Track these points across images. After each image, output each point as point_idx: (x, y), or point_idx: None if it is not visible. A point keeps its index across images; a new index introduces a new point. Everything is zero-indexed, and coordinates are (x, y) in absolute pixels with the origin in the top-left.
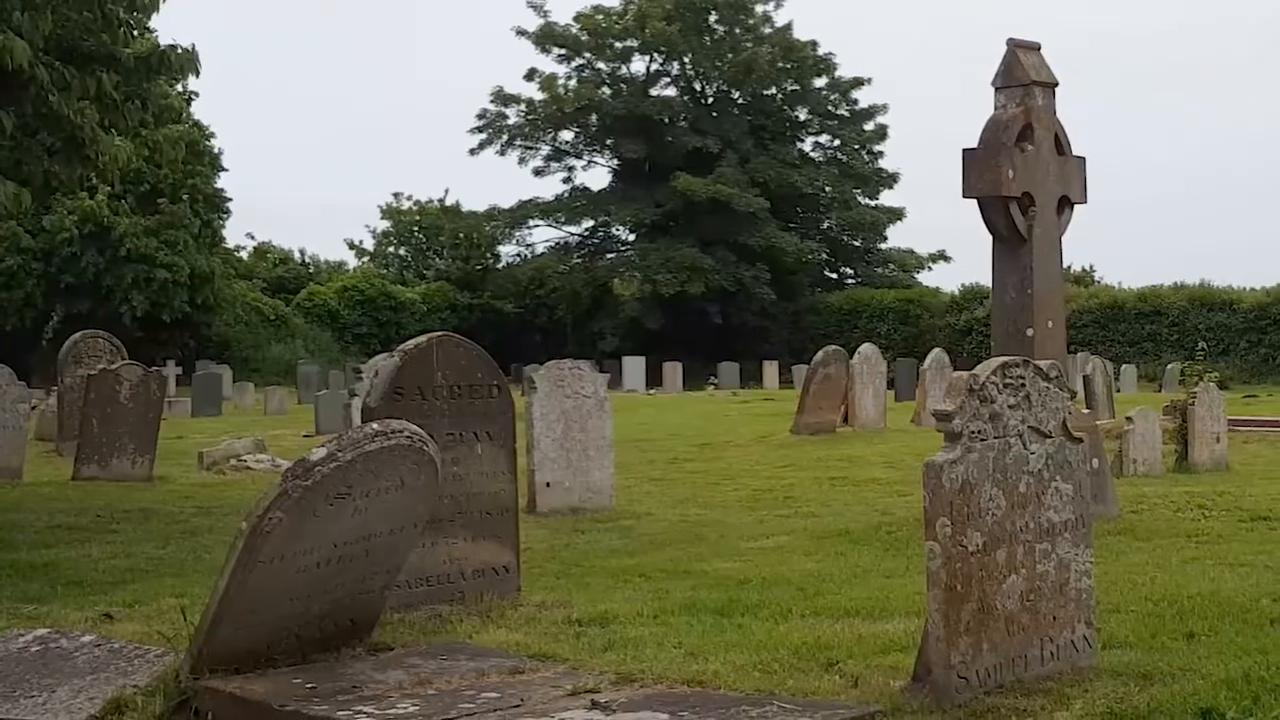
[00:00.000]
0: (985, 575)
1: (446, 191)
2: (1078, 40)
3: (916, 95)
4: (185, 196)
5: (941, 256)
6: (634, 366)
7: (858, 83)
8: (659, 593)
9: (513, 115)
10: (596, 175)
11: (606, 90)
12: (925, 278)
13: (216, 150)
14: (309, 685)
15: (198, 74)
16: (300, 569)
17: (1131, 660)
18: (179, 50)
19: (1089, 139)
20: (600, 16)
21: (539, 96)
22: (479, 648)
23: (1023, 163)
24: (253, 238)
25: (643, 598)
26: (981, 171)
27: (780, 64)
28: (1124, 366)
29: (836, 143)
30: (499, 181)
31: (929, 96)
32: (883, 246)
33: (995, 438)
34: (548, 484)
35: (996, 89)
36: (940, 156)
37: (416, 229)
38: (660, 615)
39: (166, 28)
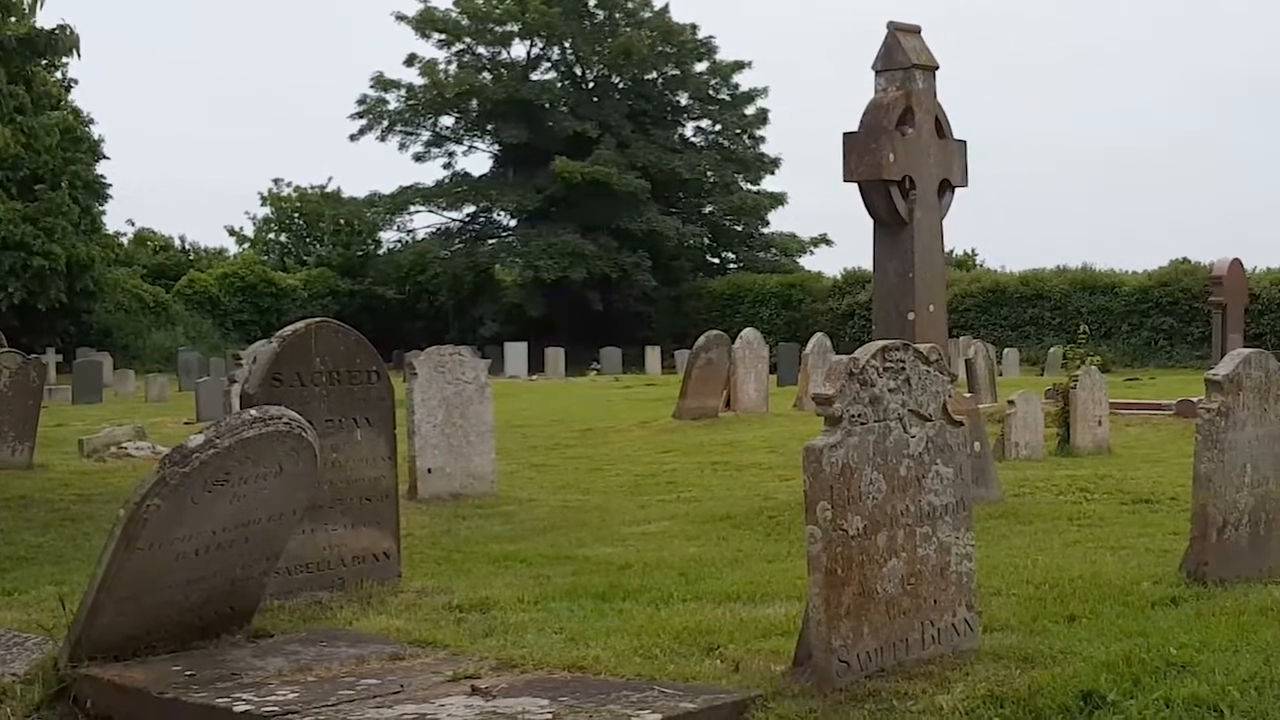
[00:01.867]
0: (866, 559)
1: (329, 179)
2: (959, 21)
3: (797, 78)
4: (65, 183)
5: (823, 241)
6: (516, 352)
7: (738, 66)
8: (540, 578)
9: (393, 101)
10: (478, 161)
11: (487, 75)
12: (807, 262)
13: (96, 137)
14: (188, 672)
15: (79, 55)
16: (179, 556)
17: (1013, 643)
18: (68, 31)
19: (970, 122)
20: (480, 1)
21: (419, 82)
22: (359, 634)
23: (903, 146)
24: (133, 224)
25: (524, 583)
26: (862, 155)
27: (660, 48)
28: (1006, 350)
29: (717, 127)
30: (380, 167)
31: (810, 79)
32: (765, 231)
33: (876, 421)
34: (429, 470)
35: (877, 72)
36: (821, 139)
37: (297, 215)
38: (541, 601)
39: (45, 10)
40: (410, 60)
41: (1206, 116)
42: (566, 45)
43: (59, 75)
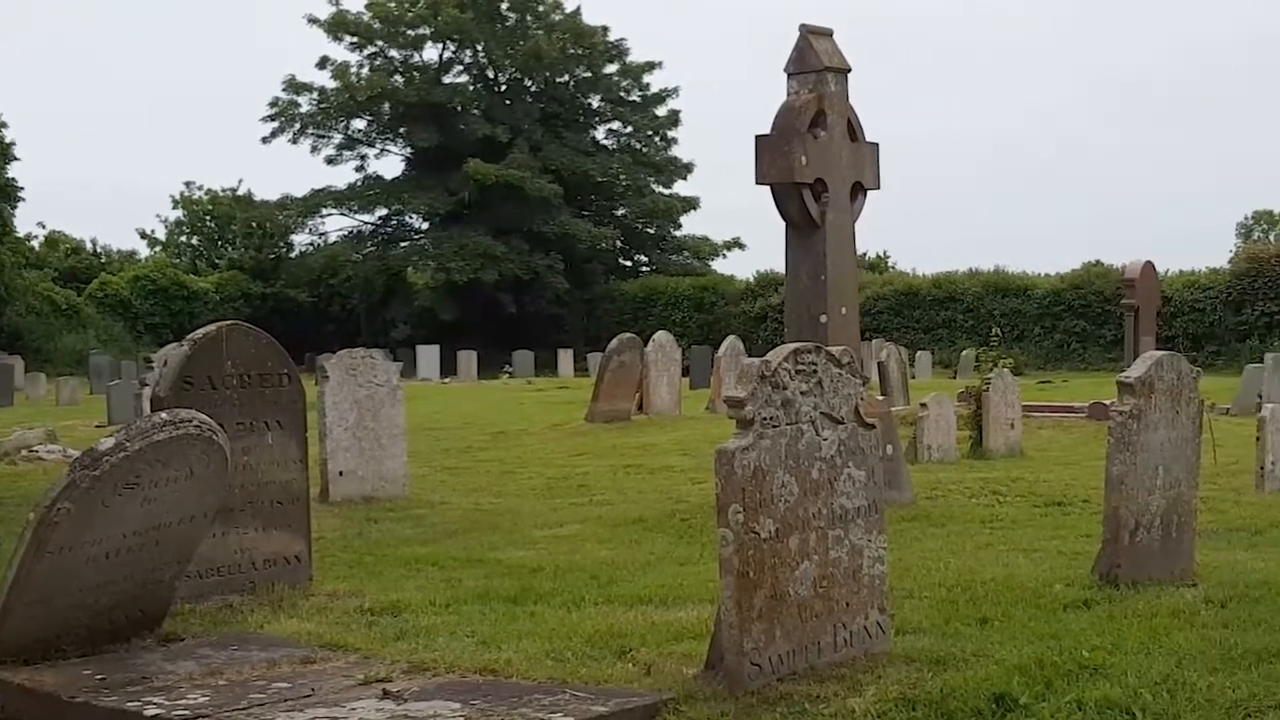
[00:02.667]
0: (778, 562)
1: (240, 181)
2: (871, 23)
3: (709, 79)
4: None
5: (736, 244)
6: (428, 355)
7: (649, 67)
8: (452, 581)
9: (305, 104)
10: (390, 164)
11: (399, 78)
12: (720, 265)
13: (8, 140)
14: (99, 676)
15: None
16: (89, 559)
17: (925, 646)
18: None
19: (883, 124)
20: (393, 4)
21: (331, 85)
22: (270, 638)
23: (816, 149)
24: (44, 227)
25: (435, 586)
26: (774, 158)
27: (571, 50)
28: (919, 353)
29: (629, 129)
30: (292, 170)
31: (722, 81)
32: (677, 234)
33: (788, 424)
34: (340, 473)
35: (789, 75)
36: (734, 141)
37: (209, 218)
38: (453, 604)
39: None
40: (322, 63)
41: (1118, 118)
42: (478, 48)
43: None
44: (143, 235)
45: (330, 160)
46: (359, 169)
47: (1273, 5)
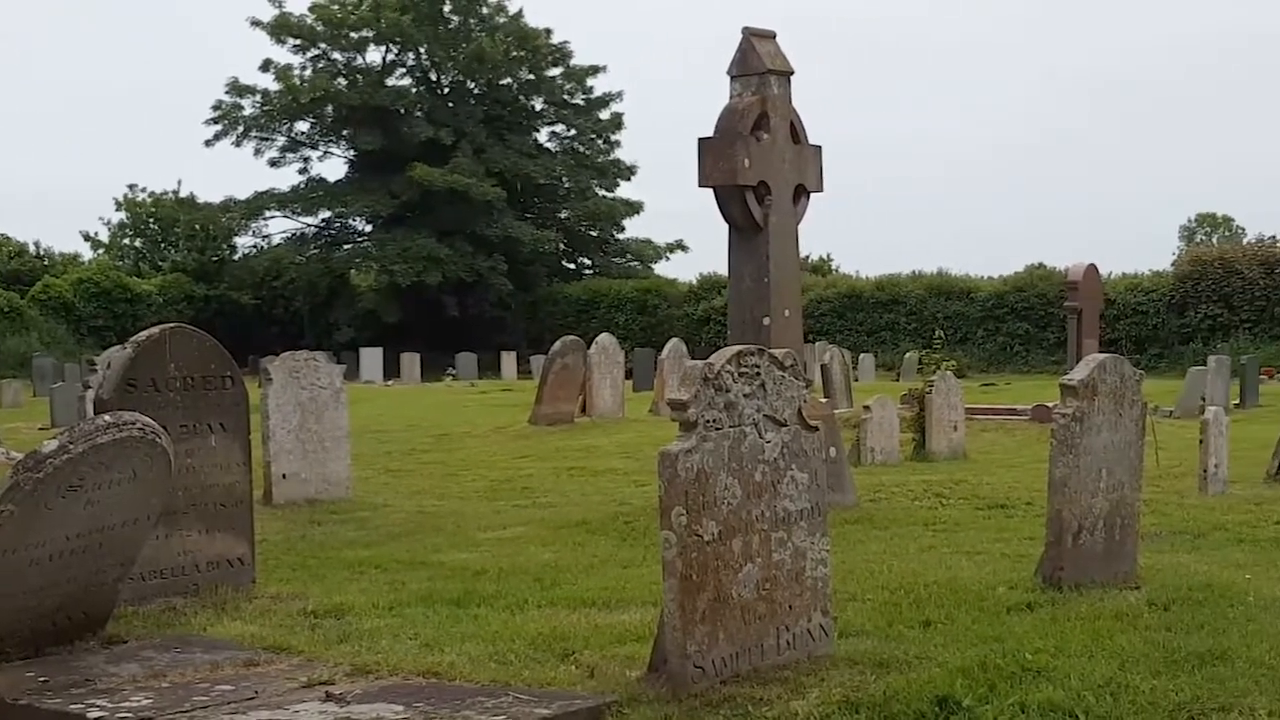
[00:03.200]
0: (721, 564)
1: (179, 183)
2: (815, 25)
3: (652, 82)
4: None
5: (679, 246)
6: (371, 357)
7: (593, 70)
8: (395, 584)
9: (248, 106)
10: (333, 166)
11: (342, 81)
12: (663, 267)
13: None
14: (42, 679)
15: None
16: (33, 561)
17: (868, 648)
18: None
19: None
20: (336, 7)
21: (274, 87)
22: (213, 640)
23: (758, 151)
24: None
25: (379, 589)
26: (717, 160)
27: (514, 53)
28: (862, 355)
29: (572, 132)
30: (235, 172)
31: (665, 83)
32: (620, 237)
33: (731, 427)
34: (284, 475)
35: (732, 77)
36: (677, 144)
37: (152, 221)
38: (396, 607)
39: None
40: (266, 66)
41: (1062, 121)
42: (421, 51)
43: None
44: (86, 238)
45: (273, 163)
46: (302, 171)
47: (1217, 11)
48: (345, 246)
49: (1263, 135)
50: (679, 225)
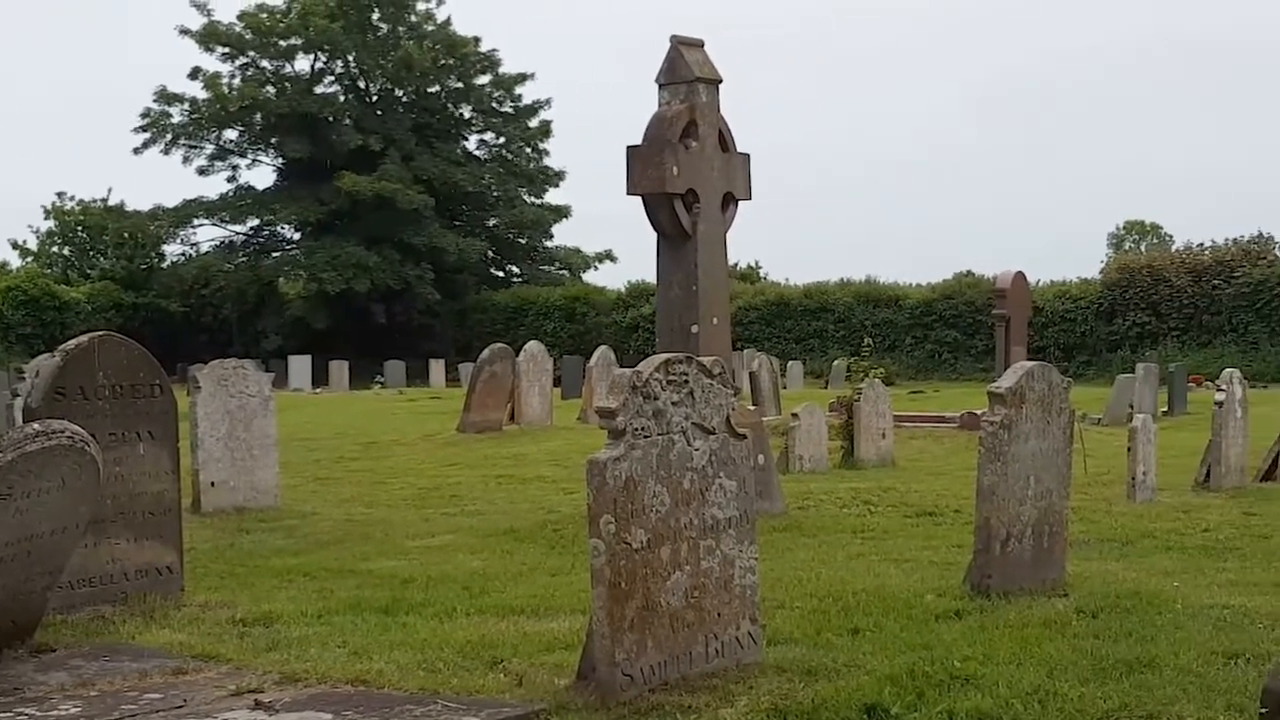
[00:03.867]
0: (650, 572)
1: (109, 191)
2: (743, 33)
3: (581, 90)
4: None
5: (608, 256)
6: (300, 365)
7: (521, 78)
8: (323, 592)
9: (177, 114)
10: (261, 174)
11: (271, 89)
12: (591, 275)
13: None
14: None
15: None
16: None
17: (797, 656)
18: None
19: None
20: (264, 15)
21: (203, 95)
22: (142, 648)
23: (687, 159)
24: None
25: (307, 597)
26: (646, 168)
27: (443, 61)
28: (791, 363)
29: (501, 140)
30: (163, 180)
31: (594, 91)
32: (549, 245)
33: (659, 434)
34: (212, 484)
35: (661, 85)
36: (606, 150)
37: (80, 229)
38: (324, 615)
39: None
40: (194, 74)
41: (989, 128)
42: (350, 59)
43: None
44: (14, 246)
45: (202, 171)
46: (231, 179)
47: (1144, 16)
48: (274, 254)
49: (1190, 142)
50: (608, 232)
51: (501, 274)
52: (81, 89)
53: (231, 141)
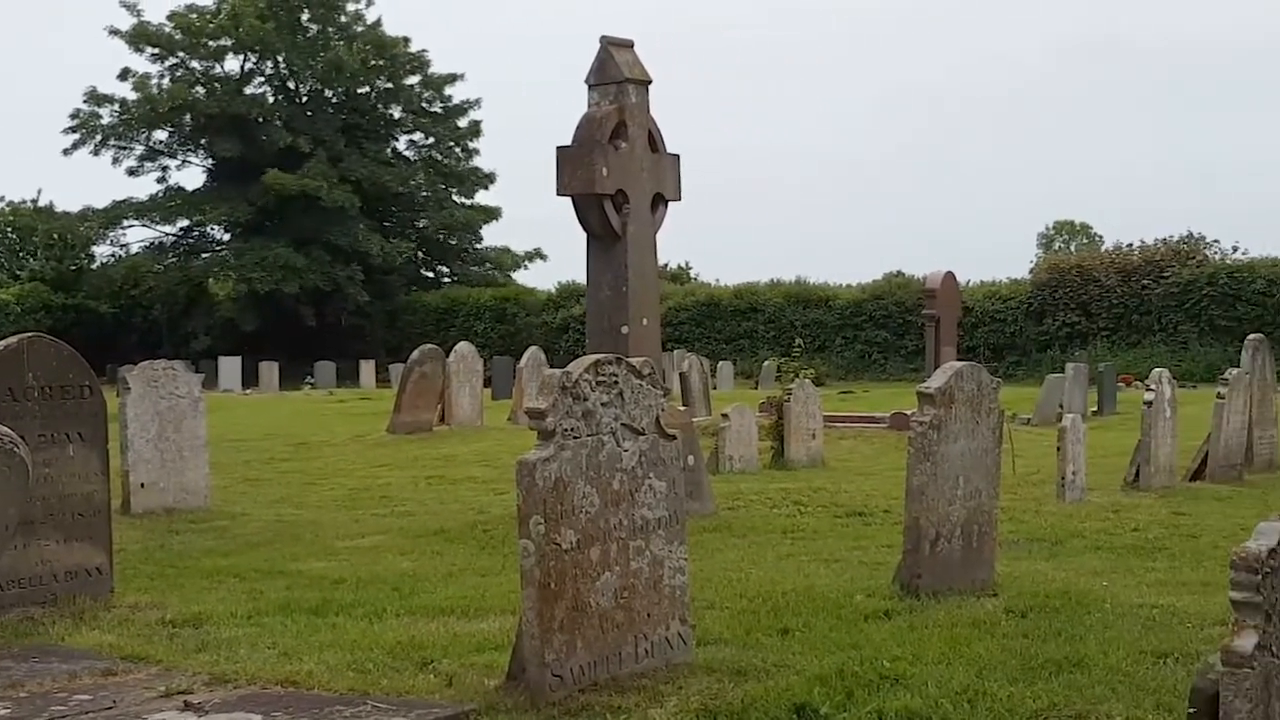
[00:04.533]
0: (579, 573)
1: (40, 192)
2: (673, 33)
3: (511, 90)
4: None
5: (538, 255)
6: (230, 366)
7: (451, 79)
8: (253, 593)
9: (106, 115)
10: (191, 175)
11: (200, 89)
12: (522, 276)
13: None
14: None
15: None
16: None
17: (726, 656)
18: None
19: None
20: (194, 16)
21: (133, 96)
22: (71, 650)
23: (617, 160)
24: None
25: (237, 598)
26: (575, 169)
27: (372, 61)
28: (721, 363)
29: (430, 140)
30: (93, 181)
31: (524, 92)
32: (479, 246)
33: (589, 435)
34: (142, 485)
35: (590, 86)
36: (535, 152)
37: (9, 230)
38: (254, 616)
39: None
40: (124, 75)
41: (920, 129)
42: (280, 59)
43: None
44: None
45: (132, 171)
46: (160, 180)
47: (1072, 17)
48: (203, 255)
49: (1120, 142)
50: (538, 233)
51: (431, 275)
52: (10, 90)
53: (161, 142)
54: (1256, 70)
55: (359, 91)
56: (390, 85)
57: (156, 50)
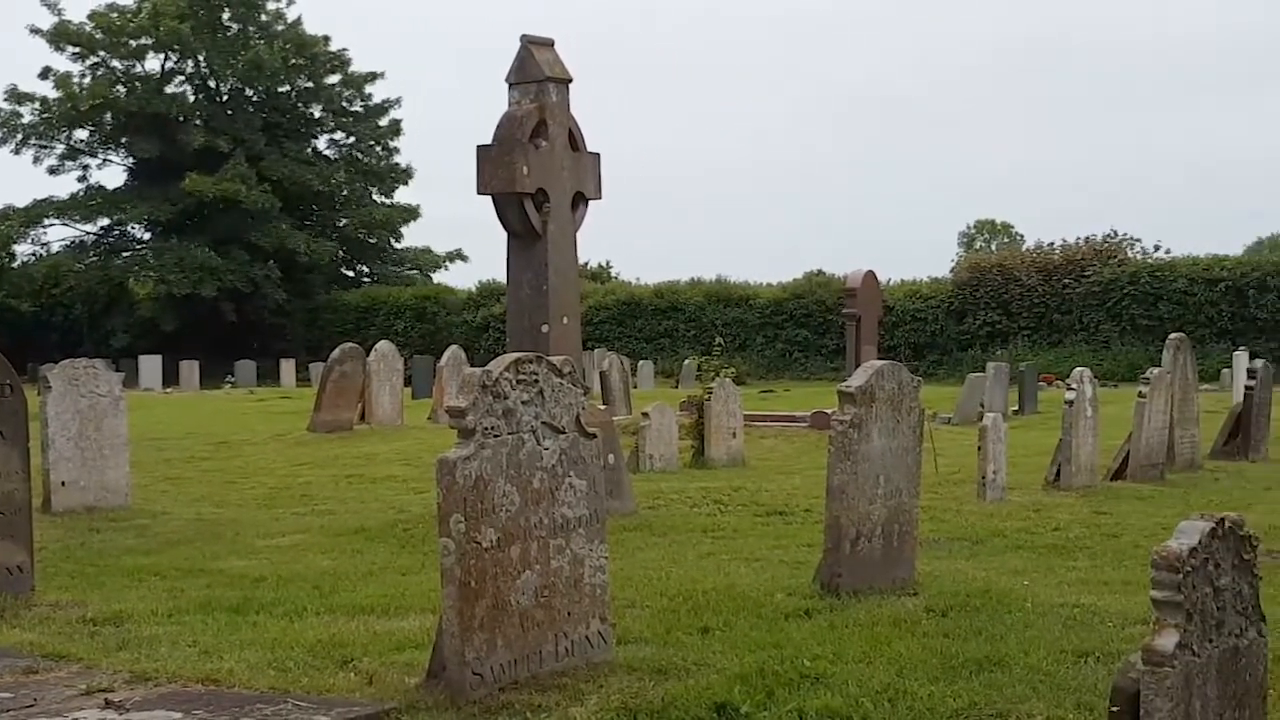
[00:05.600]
0: (500, 571)
1: None
2: (593, 33)
3: (431, 89)
4: None
5: (458, 255)
6: (150, 365)
7: (371, 77)
8: (174, 591)
9: (27, 114)
10: (112, 174)
11: (121, 89)
12: (442, 275)
13: None
14: None
15: None
16: None
17: (647, 655)
18: None
19: (604, 135)
20: (115, 15)
21: (53, 95)
22: None
23: (537, 159)
24: None
25: (158, 596)
26: (496, 168)
27: (293, 61)
28: (641, 362)
29: (351, 139)
30: (14, 180)
31: (445, 90)
32: (399, 245)
33: (509, 434)
34: (63, 483)
35: (511, 85)
36: (456, 150)
37: None
38: (175, 614)
39: None
40: (45, 73)
41: (841, 128)
42: (200, 59)
43: None
44: None
45: (53, 170)
46: (81, 179)
47: (994, 19)
48: (124, 254)
49: (1040, 141)
50: (459, 232)
51: (352, 274)
52: None
53: (82, 141)
54: (1177, 70)
55: (279, 90)
56: (311, 84)
57: (77, 49)
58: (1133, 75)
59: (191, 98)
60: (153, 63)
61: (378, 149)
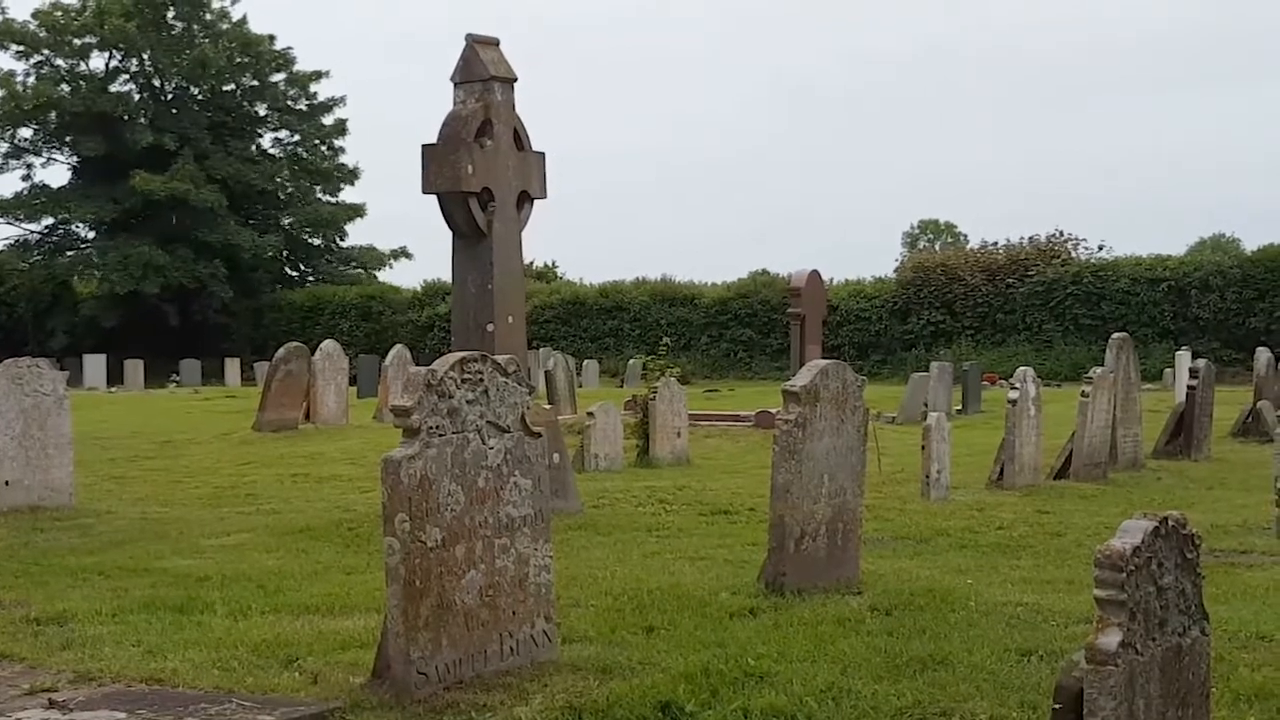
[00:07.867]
0: (444, 571)
1: None
2: (538, 32)
3: (377, 87)
4: None
5: (403, 254)
6: (95, 364)
7: (316, 76)
8: (118, 591)
9: None
10: (57, 172)
11: (65, 87)
12: (387, 274)
13: None
14: None
15: None
16: None
17: (592, 654)
18: None
19: (549, 134)
20: (59, 13)
21: None
22: None
23: (482, 158)
24: None
25: (102, 596)
26: (441, 167)
27: (238, 59)
28: (586, 362)
29: (296, 138)
30: None
31: (390, 89)
32: (344, 244)
33: (454, 433)
34: (6, 483)
35: (456, 84)
36: (401, 149)
37: None
38: (119, 613)
39: None
40: None
41: (785, 128)
42: (145, 57)
43: None
44: None
45: None
46: (25, 178)
47: (939, 17)
48: (68, 253)
49: (984, 142)
50: (403, 230)
51: (296, 273)
52: None
53: (26, 140)
54: (1121, 70)
55: (224, 89)
56: (256, 83)
57: (21, 47)
58: (1077, 76)
59: (136, 96)
60: (97, 61)
61: (322, 148)
